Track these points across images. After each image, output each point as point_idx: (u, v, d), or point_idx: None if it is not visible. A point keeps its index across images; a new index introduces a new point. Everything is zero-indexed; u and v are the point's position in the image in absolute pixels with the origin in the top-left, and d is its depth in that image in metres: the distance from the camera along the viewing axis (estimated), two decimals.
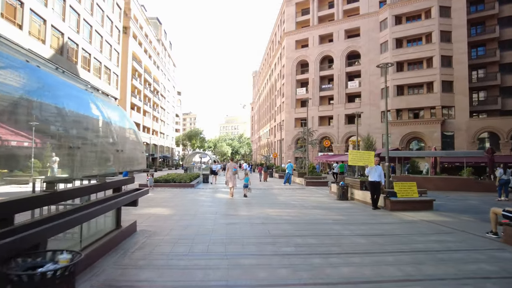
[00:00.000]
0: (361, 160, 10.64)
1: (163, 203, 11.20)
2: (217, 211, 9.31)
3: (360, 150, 11.60)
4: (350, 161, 10.90)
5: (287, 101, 49.42)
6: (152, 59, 68.13)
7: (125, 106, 51.23)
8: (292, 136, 48.36)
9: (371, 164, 10.31)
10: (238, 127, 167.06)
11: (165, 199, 12.49)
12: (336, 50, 46.06)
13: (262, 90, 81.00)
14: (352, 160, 10.83)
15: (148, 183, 16.81)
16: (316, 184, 19.77)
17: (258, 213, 9.14)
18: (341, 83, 45.31)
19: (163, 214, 8.87)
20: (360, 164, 10.77)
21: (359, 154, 10.88)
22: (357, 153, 10.99)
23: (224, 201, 12.03)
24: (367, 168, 10.30)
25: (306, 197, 13.90)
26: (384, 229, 7.12)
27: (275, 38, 62.49)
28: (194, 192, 15.59)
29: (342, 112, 44.87)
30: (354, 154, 11.01)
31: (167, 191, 15.61)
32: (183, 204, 10.97)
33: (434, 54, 37.65)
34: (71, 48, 34.15)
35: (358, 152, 11.08)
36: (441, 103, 37.10)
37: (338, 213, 9.38)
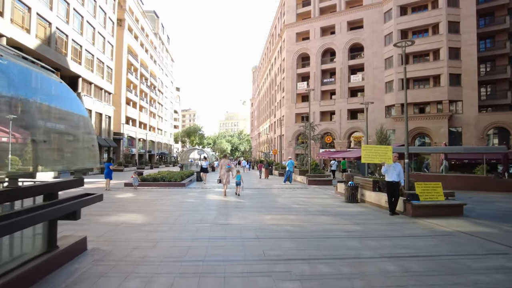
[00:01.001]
0: (376, 157, 8.93)
1: (142, 207, 9.54)
2: (202, 219, 7.64)
3: (375, 145, 9.88)
4: (364, 158, 9.18)
5: (288, 96, 47.67)
6: (149, 53, 66.29)
7: (120, 101, 49.56)
8: (292, 132, 46.67)
9: (388, 161, 8.62)
10: (238, 124, 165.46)
11: (147, 201, 10.83)
12: (338, 43, 44.26)
13: (262, 86, 79.20)
14: (366, 157, 9.11)
15: (132, 183, 15.16)
16: (319, 183, 18.08)
17: (253, 221, 7.48)
18: (344, 77, 43.56)
19: (135, 222, 7.21)
20: (376, 161, 9.04)
21: (374, 150, 9.19)
22: (372, 149, 9.29)
23: (214, 204, 10.38)
24: (383, 166, 8.62)
25: (310, 198, 12.25)
26: (416, 246, 5.41)
27: (275, 31, 60.63)
28: (183, 192, 13.92)
29: (345, 107, 43.16)
30: (368, 150, 9.30)
31: (153, 192, 13.96)
32: (164, 209, 9.31)
33: (441, 46, 35.88)
34: (60, 39, 32.38)
35: (373, 147, 9.36)
36: (448, 97, 35.40)
37: (350, 220, 7.71)
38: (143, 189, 14.97)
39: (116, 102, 48.64)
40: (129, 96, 53.41)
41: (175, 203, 10.59)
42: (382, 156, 8.77)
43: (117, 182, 18.71)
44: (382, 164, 8.61)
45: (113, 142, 45.49)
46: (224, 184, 13.02)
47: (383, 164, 8.58)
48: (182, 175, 18.47)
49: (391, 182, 8.38)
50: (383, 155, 8.77)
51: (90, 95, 39.35)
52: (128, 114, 53.34)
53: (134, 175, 15.69)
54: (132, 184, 15.21)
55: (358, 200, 10.95)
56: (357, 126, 42.44)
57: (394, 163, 8.57)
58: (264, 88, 73.29)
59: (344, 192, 11.14)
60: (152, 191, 14.39)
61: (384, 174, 8.67)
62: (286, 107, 47.58)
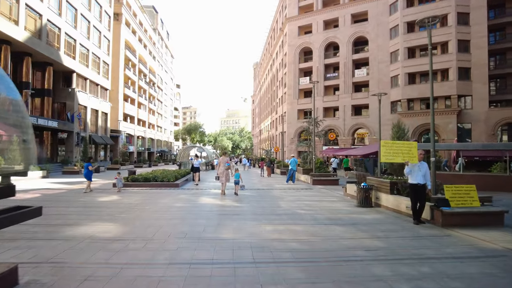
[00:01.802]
0: (398, 155, 7.48)
1: (121, 214, 8.20)
2: (187, 232, 6.26)
3: (396, 141, 8.41)
4: (383, 157, 7.72)
5: (290, 91, 46.23)
6: (148, 49, 64.87)
7: (118, 97, 48.20)
8: (294, 128, 45.25)
9: (413, 160, 7.21)
10: (240, 121, 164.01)
11: (130, 206, 9.48)
12: (342, 36, 42.75)
13: (263, 82, 77.69)
14: (386, 154, 7.65)
15: (116, 185, 13.74)
16: (325, 183, 16.66)
17: (250, 234, 6.09)
18: (348, 72, 42.09)
19: (105, 236, 5.86)
20: (397, 160, 7.56)
21: (395, 147, 7.70)
22: (393, 145, 7.75)
23: (207, 210, 8.99)
24: (406, 166, 7.20)
25: (316, 202, 10.86)
26: (472, 276, 3.95)
27: (276, 25, 59.08)
28: (175, 194, 12.57)
29: (349, 102, 41.73)
30: (389, 147, 7.78)
31: (142, 194, 12.64)
32: (146, 216, 7.94)
33: (450, 39, 34.36)
34: (51, 32, 31.03)
35: (393, 144, 7.85)
36: (457, 92, 33.93)
37: (369, 232, 6.31)
38: (132, 191, 13.63)
39: (113, 99, 47.31)
40: (127, 92, 52.07)
41: (162, 208, 9.22)
42: (406, 154, 7.34)
43: (106, 182, 17.42)
44: (406, 164, 7.20)
45: (109, 140, 44.20)
46: (222, 183, 12.62)
47: (407, 164, 7.17)
48: (176, 174, 17.13)
49: (416, 185, 7.00)
50: (407, 152, 7.34)
51: (85, 91, 38.03)
52: (126, 111, 52.02)
53: (118, 176, 14.04)
54: (116, 186, 13.76)
55: (372, 204, 9.57)
56: (362, 122, 40.99)
57: (420, 162, 7.16)
58: (266, 84, 71.81)
59: (356, 194, 9.75)
60: (141, 192, 13.06)
61: (407, 175, 7.26)
62: (288, 103, 46.14)
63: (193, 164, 18.34)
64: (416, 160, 7.18)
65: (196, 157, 18.23)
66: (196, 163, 17.98)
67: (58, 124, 31.60)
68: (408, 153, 7.28)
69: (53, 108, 34.78)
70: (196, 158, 18.00)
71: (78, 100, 35.75)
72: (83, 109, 37.67)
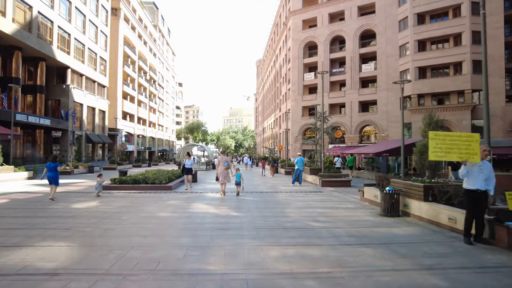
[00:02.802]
0: (453, 151, 5.46)
1: (87, 228, 6.52)
2: (162, 258, 4.50)
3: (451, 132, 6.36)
4: (433, 153, 5.72)
5: (294, 87, 44.42)
6: (148, 46, 63.30)
7: (116, 95, 46.65)
8: (299, 126, 43.45)
9: (474, 159, 5.36)
10: (243, 120, 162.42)
11: (104, 216, 7.79)
12: (348, 30, 40.88)
13: (266, 79, 75.89)
14: (437, 150, 5.59)
15: (96, 189, 11.97)
16: (336, 184, 14.89)
17: (247, 264, 4.33)
18: (354, 66, 40.23)
19: (44, 267, 4.18)
20: (452, 158, 5.62)
21: (449, 140, 5.75)
22: (446, 139, 5.80)
23: (196, 222, 7.21)
24: (463, 166, 5.39)
25: (331, 209, 9.12)
26: None
27: (279, 20, 57.25)
28: (164, 199, 10.87)
29: (356, 98, 39.87)
30: (440, 141, 5.80)
31: (127, 198, 10.99)
32: (117, 232, 6.18)
33: (464, 30, 32.36)
34: (43, 25, 29.46)
35: (447, 136, 5.87)
36: (471, 86, 31.95)
37: (413, 259, 4.52)
38: (117, 195, 11.97)
39: (112, 96, 45.79)
40: (126, 90, 50.50)
41: (142, 219, 7.51)
42: (463, 150, 5.45)
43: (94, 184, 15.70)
44: (463, 163, 5.38)
45: (107, 138, 42.67)
46: (222, 183, 12.10)
47: (464, 163, 5.36)
48: (170, 175, 15.46)
49: (475, 191, 5.23)
50: (465, 148, 5.43)
51: (81, 87, 36.48)
52: (125, 109, 50.47)
53: (100, 178, 12.05)
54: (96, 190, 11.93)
55: (399, 213, 7.83)
56: (369, 119, 39.11)
57: (482, 161, 5.39)
58: (269, 81, 70.02)
59: (380, 201, 8.01)
60: (126, 197, 11.39)
61: (462, 177, 5.45)
62: (292, 99, 44.35)
63: (184, 165, 14.68)
64: (478, 159, 5.35)
65: (188, 155, 15.30)
66: (187, 163, 14.37)
67: (51, 122, 30.04)
68: (466, 149, 5.43)
69: (47, 105, 33.28)
70: (188, 157, 14.83)
71: (73, 97, 34.20)
72: (78, 107, 36.16)
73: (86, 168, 27.78)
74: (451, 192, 6.60)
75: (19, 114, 25.37)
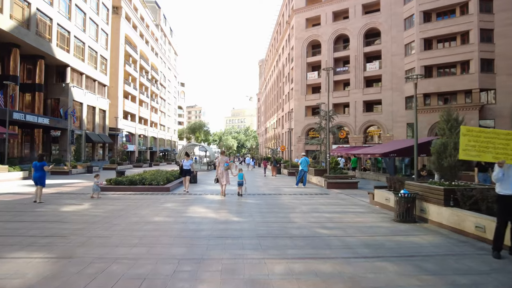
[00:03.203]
0: (488, 150, 4.71)
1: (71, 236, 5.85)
2: (147, 276, 3.82)
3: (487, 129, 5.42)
4: (464, 152, 4.88)
5: (297, 87, 43.72)
6: (150, 45, 62.78)
7: (117, 94, 46.09)
8: (302, 126, 42.74)
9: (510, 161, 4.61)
10: (245, 120, 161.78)
11: (93, 221, 7.14)
12: (352, 28, 40.14)
13: (268, 79, 75.22)
14: (469, 148, 4.72)
15: (92, 191, 11.36)
16: (342, 186, 14.18)
17: (247, 283, 3.66)
18: (359, 65, 39.48)
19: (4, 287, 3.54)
20: (486, 158, 4.75)
21: (484, 137, 5.05)
22: (481, 135, 5.12)
23: (191, 229, 6.51)
24: (498, 168, 4.64)
25: (339, 213, 8.43)
26: None
27: (282, 19, 56.59)
28: (161, 202, 10.23)
29: (360, 98, 39.12)
30: (474, 137, 5.15)
31: (122, 201, 10.36)
32: (102, 241, 5.54)
33: (471, 28, 31.54)
34: (42, 22, 28.93)
35: (482, 132, 5.16)
36: (479, 85, 31.11)
37: (445, 278, 3.79)
38: (111, 197, 11.33)
39: (113, 96, 45.25)
40: (127, 89, 49.96)
41: (134, 224, 6.84)
42: (501, 149, 4.67)
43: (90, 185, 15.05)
44: (499, 165, 4.63)
45: (108, 138, 42.13)
46: (222, 184, 11.90)
47: (500, 165, 4.62)
48: (169, 176, 14.80)
49: (510, 196, 4.55)
50: (503, 147, 4.65)
51: (81, 86, 35.95)
52: (126, 108, 49.92)
53: (96, 179, 11.41)
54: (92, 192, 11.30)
55: (415, 218, 7.13)
56: (374, 119, 38.33)
57: None
58: (271, 81, 69.36)
59: (394, 205, 7.31)
60: (121, 199, 10.76)
61: (496, 181, 4.72)
62: (295, 99, 43.64)
63: (182, 166, 13.68)
64: None
65: (186, 156, 14.22)
66: (186, 164, 13.34)
67: (50, 121, 29.49)
68: (504, 149, 4.67)
69: (46, 104, 32.78)
70: (186, 158, 13.77)
71: (72, 96, 33.65)
72: (78, 106, 35.62)
73: (85, 168, 27.19)
74: (477, 196, 5.89)
75: (16, 113, 24.83)
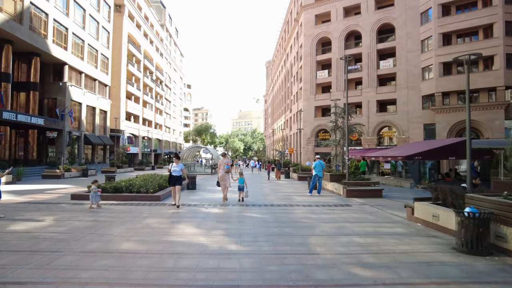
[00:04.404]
0: None
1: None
2: None
3: None
4: None
5: (306, 86, 41.59)
6: (154, 45, 61.25)
7: (119, 94, 44.46)
8: (311, 127, 40.54)
9: None
10: (252, 122, 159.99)
11: (44, 243, 5.27)
12: (364, 24, 37.96)
13: (276, 79, 73.19)
14: None
15: (90, 200, 9.45)
16: (364, 195, 11.95)
17: None
18: (372, 63, 37.23)
19: None
20: None
21: None
22: None
23: (167, 268, 4.44)
24: None
25: (374, 236, 6.30)
26: None
27: (290, 17, 54.60)
28: (144, 216, 8.19)
29: (373, 97, 36.82)
30: None
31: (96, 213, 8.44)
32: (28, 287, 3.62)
33: (496, 20, 29.13)
34: (36, 17, 27.33)
35: None
36: (505, 82, 28.65)
37: None
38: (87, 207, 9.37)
39: (115, 96, 43.62)
40: (130, 89, 48.29)
41: (83, 258, 4.80)
42: None
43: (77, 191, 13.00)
44: None
45: (108, 140, 40.44)
46: (223, 189, 11.17)
47: None
48: (162, 182, 12.78)
49: None
50: None
51: (79, 85, 34.31)
52: (129, 109, 48.28)
53: (94, 185, 9.66)
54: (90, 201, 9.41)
55: (491, 249, 5.02)
56: (388, 120, 35.97)
57: None
58: (279, 82, 67.31)
59: (458, 228, 5.19)
60: (95, 211, 8.81)
61: None
62: (304, 99, 41.50)
63: (170, 172, 10.42)
64: None
65: (176, 158, 10.80)
66: (175, 170, 10.27)
67: (45, 121, 27.85)
68: None
69: (42, 104, 31.20)
70: (176, 161, 10.52)
71: (70, 95, 32.00)
72: (77, 106, 33.97)
73: (80, 171, 25.39)
74: None
75: (6, 112, 23.20)
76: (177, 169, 10.32)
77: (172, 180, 10.26)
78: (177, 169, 10.32)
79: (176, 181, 10.17)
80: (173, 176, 10.24)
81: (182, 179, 10.40)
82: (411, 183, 16.99)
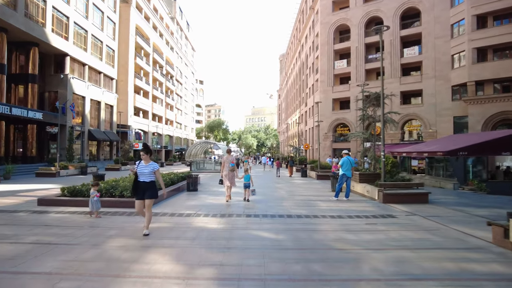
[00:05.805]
0: None
1: None
2: None
3: None
4: None
5: (323, 77, 38.79)
6: (164, 39, 59.30)
7: (127, 88, 42.61)
8: (329, 121, 37.74)
9: None
10: (265, 119, 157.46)
11: None
12: (386, 9, 34.85)
13: (290, 73, 70.34)
14: None
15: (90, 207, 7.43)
16: (405, 200, 9.29)
17: None
18: (395, 51, 34.13)
19: None
20: None
21: None
22: None
23: None
24: None
25: (457, 275, 3.86)
26: None
27: (305, 6, 51.68)
28: (105, 235, 5.66)
29: (397, 88, 33.67)
30: None
31: (49, 228, 6.20)
32: None
33: None
34: (33, 4, 25.49)
35: None
36: None
37: None
38: (51, 217, 7.18)
39: (122, 90, 41.82)
40: (138, 83, 46.43)
41: None
42: None
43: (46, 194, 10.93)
44: None
45: (115, 136, 38.67)
46: (228, 186, 10.19)
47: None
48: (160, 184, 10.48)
49: None
50: None
51: (83, 78, 32.50)
52: (138, 104, 46.46)
53: (94, 188, 7.55)
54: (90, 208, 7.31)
55: None
56: (413, 112, 32.83)
57: None
58: (293, 75, 64.49)
59: None
60: (52, 224, 6.58)
61: None
62: (321, 91, 38.70)
63: (136, 175, 6.06)
64: None
65: (145, 153, 6.05)
66: (143, 173, 6.04)
67: (44, 116, 26.11)
68: None
69: (43, 97, 29.52)
70: (145, 159, 6.09)
71: (72, 88, 30.22)
72: (80, 100, 32.19)
73: (78, 169, 23.44)
74: None
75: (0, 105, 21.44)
76: (146, 171, 6.05)
77: (138, 189, 6.05)
78: (146, 171, 6.05)
79: (145, 191, 6.01)
80: (140, 183, 6.04)
81: (155, 188, 6.19)
82: (454, 183, 14.28)
